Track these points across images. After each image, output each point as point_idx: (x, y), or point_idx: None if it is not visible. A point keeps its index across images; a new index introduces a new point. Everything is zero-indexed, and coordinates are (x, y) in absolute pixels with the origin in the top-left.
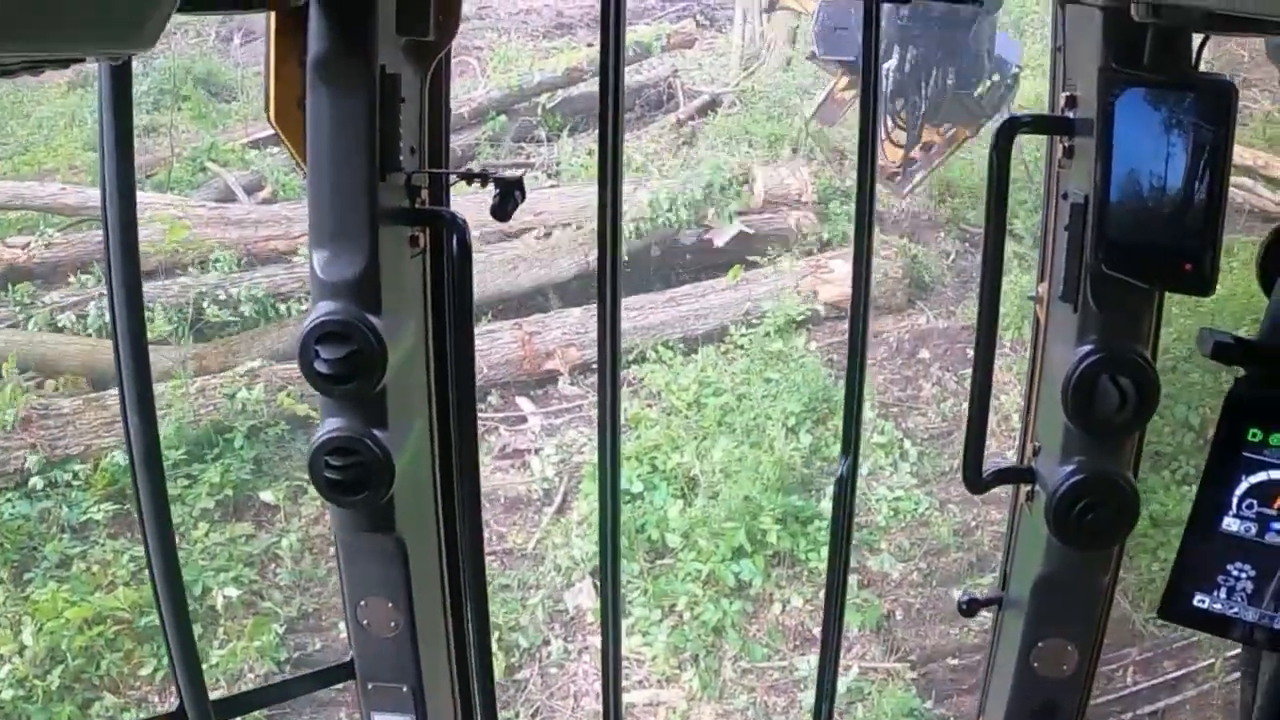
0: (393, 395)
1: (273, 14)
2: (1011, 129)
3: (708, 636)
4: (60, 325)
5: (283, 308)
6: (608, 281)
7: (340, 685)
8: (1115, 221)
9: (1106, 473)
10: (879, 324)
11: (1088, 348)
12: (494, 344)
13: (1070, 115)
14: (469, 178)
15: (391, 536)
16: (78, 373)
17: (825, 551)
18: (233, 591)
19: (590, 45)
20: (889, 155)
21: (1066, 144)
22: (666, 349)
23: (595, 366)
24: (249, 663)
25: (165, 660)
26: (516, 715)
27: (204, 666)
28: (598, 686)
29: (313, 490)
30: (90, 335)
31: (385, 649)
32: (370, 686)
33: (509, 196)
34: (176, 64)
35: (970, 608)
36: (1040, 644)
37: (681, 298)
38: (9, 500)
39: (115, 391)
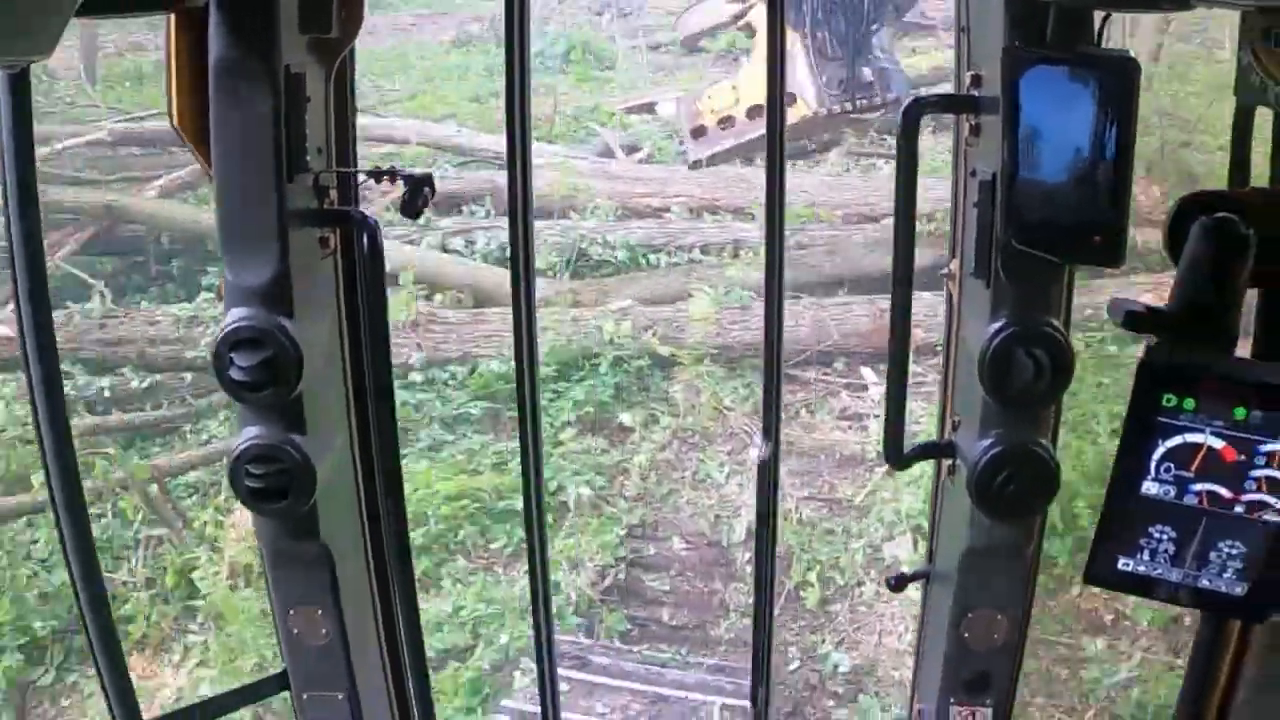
0: (310, 400)
1: (172, 15)
2: (918, 109)
3: None
4: (449, 248)
5: (653, 258)
6: (522, 294)
7: None
8: (1023, 198)
9: (1025, 444)
10: None
11: (1001, 322)
12: (846, 315)
13: (976, 94)
14: (377, 176)
15: (316, 543)
16: (462, 290)
17: None
18: (586, 491)
19: (950, 47)
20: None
21: (973, 122)
22: None
23: (940, 349)
24: (590, 555)
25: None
26: (823, 640)
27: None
28: (902, 628)
29: (666, 419)
30: (475, 260)
31: (317, 658)
32: (305, 696)
33: (418, 193)
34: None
35: (898, 583)
36: (970, 615)
37: None
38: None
39: (497, 309)
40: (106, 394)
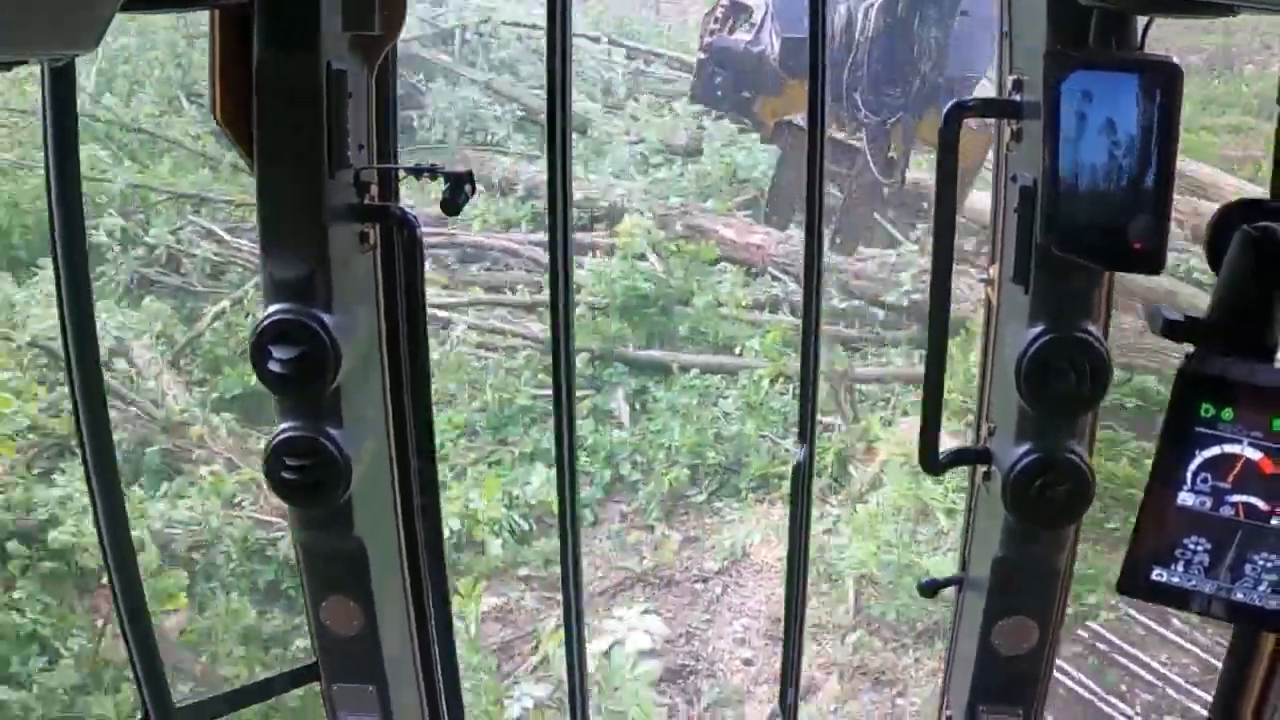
0: (347, 394)
1: (217, 12)
2: (958, 112)
3: None
4: None
5: None
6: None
7: None
8: (1064, 204)
9: (1061, 452)
10: None
11: (1039, 328)
12: None
13: (1017, 99)
14: (418, 173)
15: (351, 536)
16: None
17: None
18: None
19: None
20: None
21: (1014, 127)
22: None
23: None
24: None
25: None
26: None
27: None
28: None
29: None
30: None
31: (348, 649)
32: (335, 687)
33: (459, 190)
34: None
35: (931, 589)
36: (1001, 622)
37: None
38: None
39: None
40: None
